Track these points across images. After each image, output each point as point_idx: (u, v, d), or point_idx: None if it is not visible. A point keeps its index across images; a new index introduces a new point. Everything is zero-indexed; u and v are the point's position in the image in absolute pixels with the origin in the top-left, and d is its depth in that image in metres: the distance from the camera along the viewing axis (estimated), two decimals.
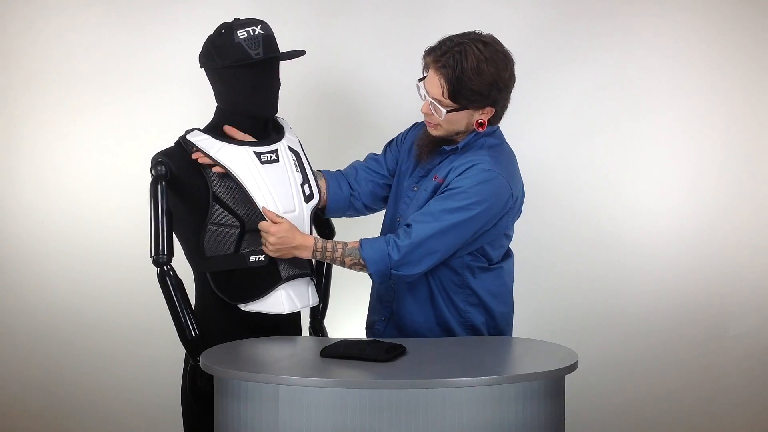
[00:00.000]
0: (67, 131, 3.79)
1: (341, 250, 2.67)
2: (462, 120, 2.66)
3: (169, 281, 2.67)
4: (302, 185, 2.84)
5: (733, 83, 3.72)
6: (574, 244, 3.77)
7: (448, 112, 2.62)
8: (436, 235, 2.61)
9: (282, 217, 2.72)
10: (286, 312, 2.78)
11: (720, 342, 3.78)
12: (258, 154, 2.76)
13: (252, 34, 2.71)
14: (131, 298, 3.78)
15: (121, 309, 3.80)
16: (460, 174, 2.65)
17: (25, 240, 3.82)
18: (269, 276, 2.76)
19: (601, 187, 3.77)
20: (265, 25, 2.75)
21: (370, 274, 2.66)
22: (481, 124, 2.67)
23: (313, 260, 2.84)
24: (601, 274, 3.77)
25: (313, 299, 2.87)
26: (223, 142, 2.73)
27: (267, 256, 2.73)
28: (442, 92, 2.60)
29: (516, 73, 3.83)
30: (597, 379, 3.72)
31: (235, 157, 2.72)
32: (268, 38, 2.74)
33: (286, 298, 2.78)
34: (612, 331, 3.77)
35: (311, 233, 2.85)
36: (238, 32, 2.70)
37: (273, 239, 2.67)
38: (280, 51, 2.78)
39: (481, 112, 2.66)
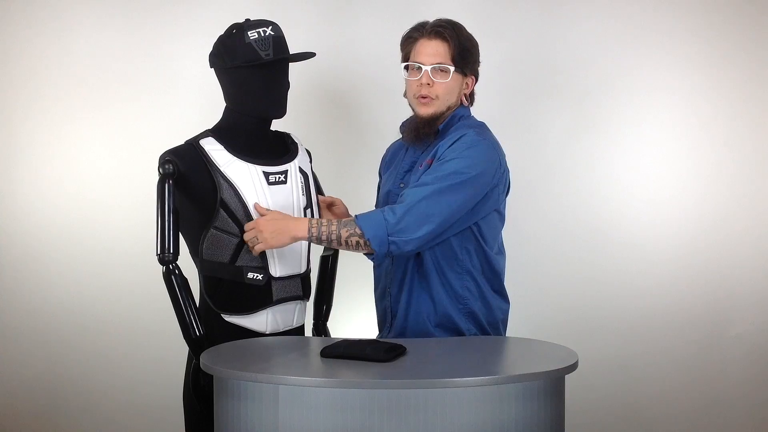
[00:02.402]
0: (66, 131, 3.80)
1: (336, 224, 2.62)
2: (456, 88, 2.78)
3: (174, 280, 2.67)
4: (305, 209, 2.84)
5: (734, 82, 3.72)
6: (574, 244, 3.77)
7: (454, 71, 2.74)
8: (431, 197, 2.60)
9: (270, 210, 2.70)
10: (267, 332, 2.79)
11: (720, 342, 3.78)
12: (267, 174, 2.77)
13: (263, 35, 2.72)
14: (131, 298, 3.78)
15: (122, 309, 3.80)
16: (447, 148, 2.70)
17: (25, 240, 3.82)
18: (261, 295, 2.77)
19: (601, 187, 3.77)
20: (275, 27, 2.76)
21: (367, 242, 2.58)
22: (466, 97, 2.82)
23: (309, 242, 2.78)
24: (601, 274, 3.77)
25: (297, 321, 2.88)
26: (234, 157, 2.74)
27: (264, 276, 2.74)
28: (448, 50, 2.73)
29: (515, 73, 3.85)
30: (597, 379, 3.72)
31: (243, 175, 2.73)
32: (278, 39, 2.75)
33: (270, 320, 2.79)
34: (612, 331, 3.77)
35: (308, 257, 2.85)
36: (248, 33, 2.71)
37: (265, 228, 2.62)
38: (290, 52, 2.78)
39: (466, 83, 2.81)
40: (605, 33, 3.73)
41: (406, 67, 2.77)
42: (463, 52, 2.74)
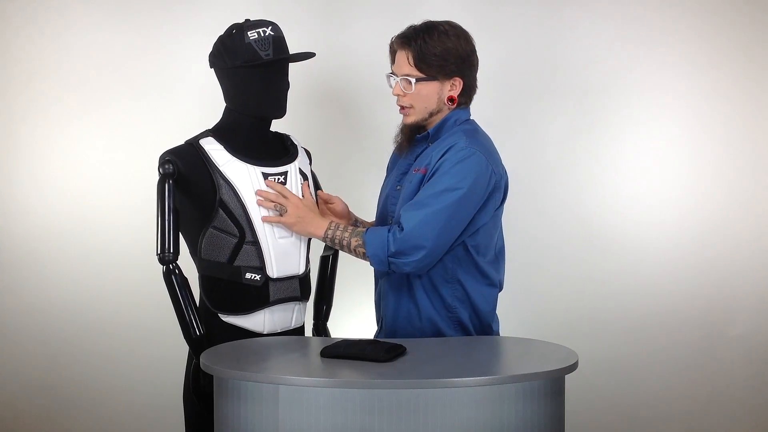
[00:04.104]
0: (66, 131, 3.80)
1: (350, 231, 2.70)
2: (432, 94, 2.72)
3: (174, 279, 2.67)
4: None
5: (734, 82, 3.73)
6: (574, 244, 3.77)
7: (417, 81, 2.68)
8: (426, 220, 2.59)
9: (309, 197, 2.80)
10: (265, 333, 2.79)
11: (720, 342, 3.78)
12: (266, 176, 2.76)
13: (262, 35, 2.72)
14: (131, 298, 3.78)
15: (122, 309, 3.80)
16: (439, 158, 2.67)
17: (25, 240, 3.82)
18: (258, 296, 2.76)
19: (601, 188, 3.77)
20: (275, 27, 2.76)
21: (368, 257, 2.66)
22: (451, 100, 2.73)
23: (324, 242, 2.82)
24: (601, 274, 3.77)
25: (296, 322, 2.87)
26: (233, 157, 2.74)
27: (262, 277, 2.74)
28: (408, 60, 2.69)
29: (515, 73, 3.84)
30: (597, 379, 3.72)
31: (242, 175, 2.73)
32: (278, 39, 2.75)
33: (268, 320, 2.79)
34: (612, 331, 3.77)
35: (307, 257, 2.86)
36: (248, 33, 2.71)
37: (294, 210, 2.72)
38: (290, 53, 2.78)
39: (450, 85, 2.72)
40: (605, 33, 3.73)
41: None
42: (426, 58, 2.67)
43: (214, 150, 2.74)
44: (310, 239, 2.87)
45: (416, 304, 2.75)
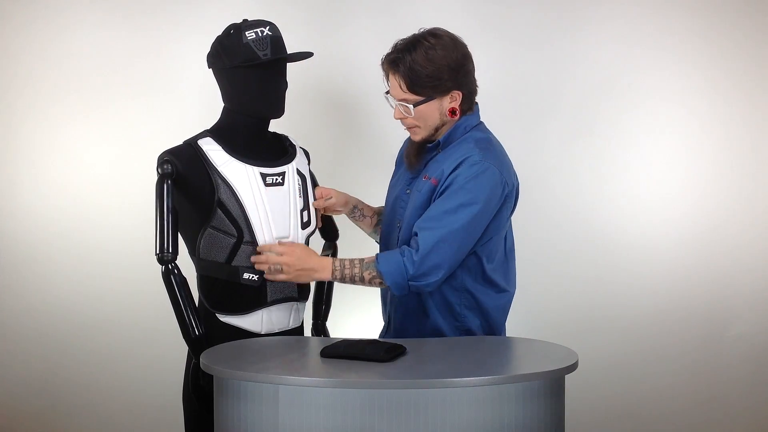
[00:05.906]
0: (66, 131, 3.80)
1: (359, 266, 2.65)
2: (433, 112, 2.68)
3: (173, 279, 2.67)
4: (302, 211, 2.84)
5: (733, 82, 3.72)
6: (574, 244, 3.77)
7: (415, 106, 2.65)
8: (444, 240, 2.58)
9: (290, 243, 2.73)
10: (262, 333, 2.79)
11: (720, 342, 3.78)
12: (264, 176, 2.77)
13: (260, 35, 2.72)
14: (131, 298, 3.78)
15: (121, 309, 3.80)
16: (452, 171, 2.64)
17: (25, 240, 3.82)
18: (255, 296, 2.77)
19: (601, 187, 3.77)
20: (273, 27, 2.76)
21: (388, 287, 2.64)
22: (453, 112, 2.68)
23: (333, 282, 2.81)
24: (601, 274, 3.77)
25: (293, 322, 2.88)
26: (231, 157, 2.74)
27: (260, 277, 2.74)
28: (401, 87, 2.65)
29: (515, 73, 3.84)
30: (597, 379, 3.72)
31: (240, 176, 2.73)
32: (276, 39, 2.75)
33: (265, 320, 2.79)
34: (612, 331, 3.77)
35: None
36: (246, 33, 2.71)
37: (292, 265, 2.67)
38: (288, 52, 2.78)
39: (449, 98, 2.67)
40: (606, 34, 3.73)
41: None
42: (419, 81, 2.61)
43: (213, 150, 2.74)
44: (309, 238, 2.87)
45: (425, 313, 2.75)
